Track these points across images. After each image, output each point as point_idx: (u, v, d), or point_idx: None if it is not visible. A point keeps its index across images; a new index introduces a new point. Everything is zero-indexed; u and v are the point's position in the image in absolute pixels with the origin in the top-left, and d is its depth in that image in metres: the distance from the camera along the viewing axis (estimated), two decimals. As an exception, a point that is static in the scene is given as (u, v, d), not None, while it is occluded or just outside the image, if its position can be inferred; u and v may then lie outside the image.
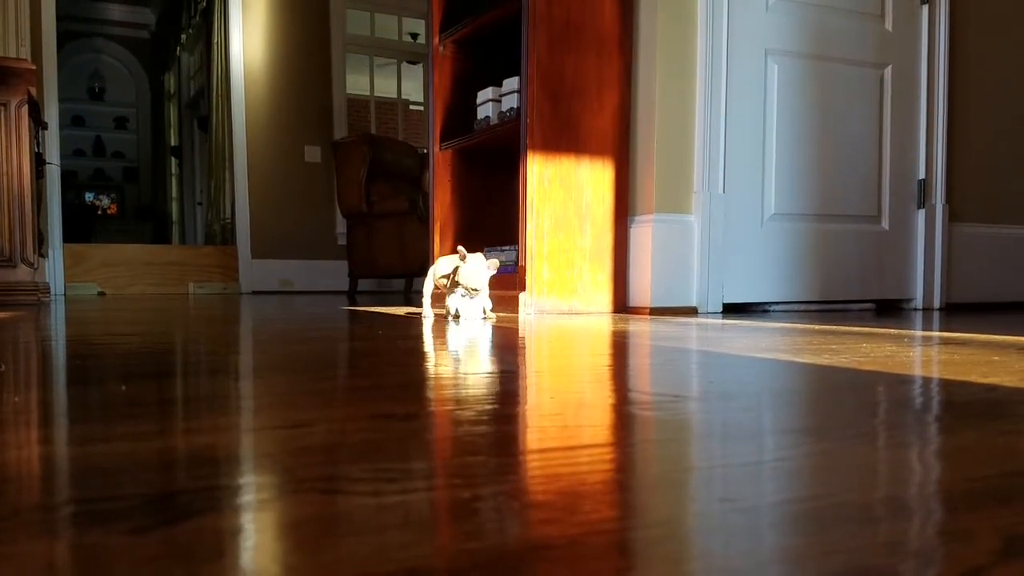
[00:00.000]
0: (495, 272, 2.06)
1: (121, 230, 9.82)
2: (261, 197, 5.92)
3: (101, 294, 5.39)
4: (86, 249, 5.80)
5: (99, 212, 9.99)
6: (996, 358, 1.14)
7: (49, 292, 4.23)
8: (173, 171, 9.25)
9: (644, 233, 2.51)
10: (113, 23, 9.76)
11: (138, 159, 10.22)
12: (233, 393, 0.80)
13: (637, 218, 2.56)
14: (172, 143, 9.15)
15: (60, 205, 5.30)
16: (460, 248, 2.03)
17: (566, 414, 0.68)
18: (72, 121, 9.62)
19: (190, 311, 2.74)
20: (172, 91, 9.09)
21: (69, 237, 5.85)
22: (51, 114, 5.05)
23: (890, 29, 2.88)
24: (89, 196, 9.99)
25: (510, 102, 2.62)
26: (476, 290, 2.00)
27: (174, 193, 9.29)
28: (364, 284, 6.19)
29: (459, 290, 2.03)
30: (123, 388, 0.82)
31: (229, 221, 6.24)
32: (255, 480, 0.46)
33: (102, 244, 6.36)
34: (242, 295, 5.18)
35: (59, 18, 5.42)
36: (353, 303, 3.49)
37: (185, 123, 8.59)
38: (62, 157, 5.48)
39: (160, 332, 1.69)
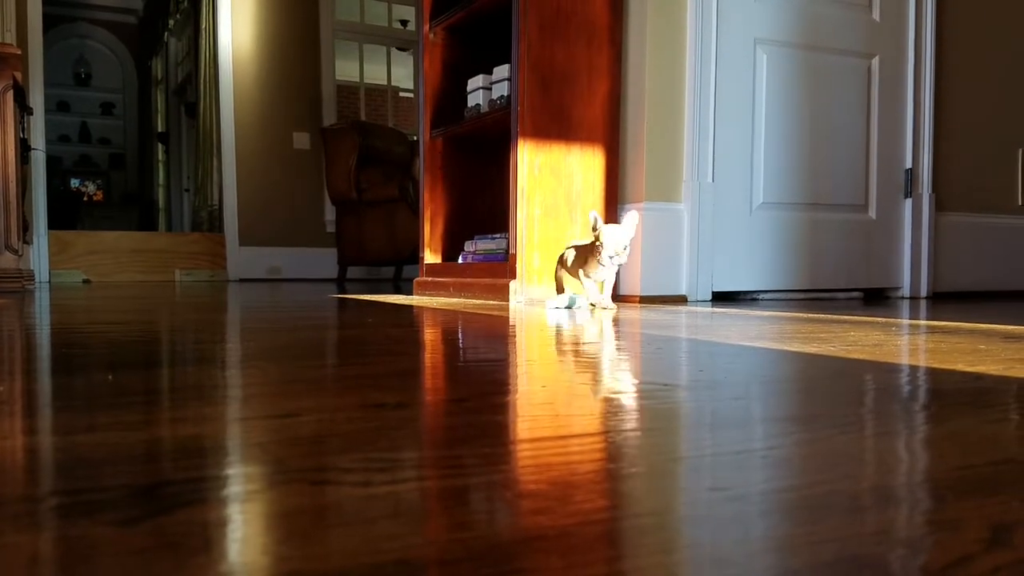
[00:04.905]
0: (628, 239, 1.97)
1: (107, 217, 9.73)
2: (249, 184, 5.88)
3: (86, 282, 5.35)
4: (71, 236, 5.75)
5: (85, 199, 9.89)
6: (982, 346, 1.15)
7: (33, 279, 4.20)
8: (160, 157, 9.17)
9: (634, 222, 2.51)
10: (99, 7, 9.62)
11: (124, 145, 10.12)
12: (221, 382, 0.79)
13: (627, 206, 2.56)
14: (159, 129, 9.06)
15: (45, 191, 5.25)
16: (594, 217, 1.95)
17: (557, 403, 0.68)
18: (57, 106, 9.50)
19: (177, 299, 2.73)
20: (159, 77, 8.99)
21: (54, 224, 5.79)
22: (36, 99, 4.98)
23: (877, 19, 2.88)
24: (75, 182, 9.89)
25: (501, 90, 2.61)
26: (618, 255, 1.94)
27: (161, 180, 9.21)
28: (353, 272, 6.17)
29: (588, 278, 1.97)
30: (109, 377, 0.82)
31: (216, 208, 6.19)
32: (244, 471, 0.46)
33: (87, 231, 6.31)
34: (229, 283, 5.15)
35: (45, 2, 5.34)
36: (342, 291, 3.48)
37: (172, 109, 8.51)
38: (47, 143, 5.42)
39: (146, 320, 1.68)
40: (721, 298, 2.69)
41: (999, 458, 0.49)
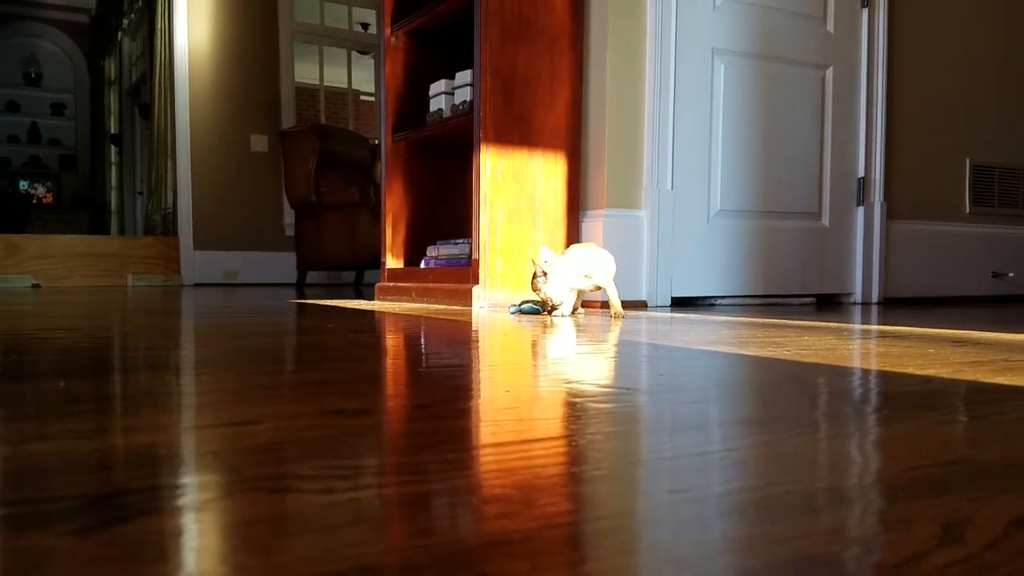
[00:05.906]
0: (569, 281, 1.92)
1: (57, 220, 9.47)
2: (205, 187, 5.77)
3: (36, 286, 5.19)
4: (20, 239, 5.58)
5: (34, 201, 9.61)
6: (932, 350, 1.18)
7: (-20, 284, 4.06)
8: (113, 159, 8.95)
9: (595, 228, 2.53)
10: (51, 6, 9.38)
11: (76, 146, 9.86)
12: (175, 389, 0.78)
13: (589, 213, 2.58)
14: (112, 130, 8.85)
15: (-9, 193, 5.09)
16: (543, 255, 1.90)
17: (520, 408, 0.68)
18: (7, 107, 9.24)
19: (129, 304, 2.66)
20: (113, 77, 8.79)
21: (2, 227, 5.62)
22: (-19, 98, 4.83)
23: (832, 31, 2.96)
24: (24, 184, 9.60)
25: (463, 95, 2.61)
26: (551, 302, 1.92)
27: (113, 182, 8.99)
28: (313, 276, 6.10)
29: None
30: (61, 384, 0.80)
31: (171, 211, 6.07)
32: (200, 479, 0.45)
33: (37, 234, 6.12)
34: (184, 287, 5.05)
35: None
36: (302, 296, 3.43)
37: (126, 110, 8.32)
38: (-7, 143, 5.25)
39: (98, 326, 1.64)
40: (680, 303, 2.73)
41: (948, 459, 0.51)
